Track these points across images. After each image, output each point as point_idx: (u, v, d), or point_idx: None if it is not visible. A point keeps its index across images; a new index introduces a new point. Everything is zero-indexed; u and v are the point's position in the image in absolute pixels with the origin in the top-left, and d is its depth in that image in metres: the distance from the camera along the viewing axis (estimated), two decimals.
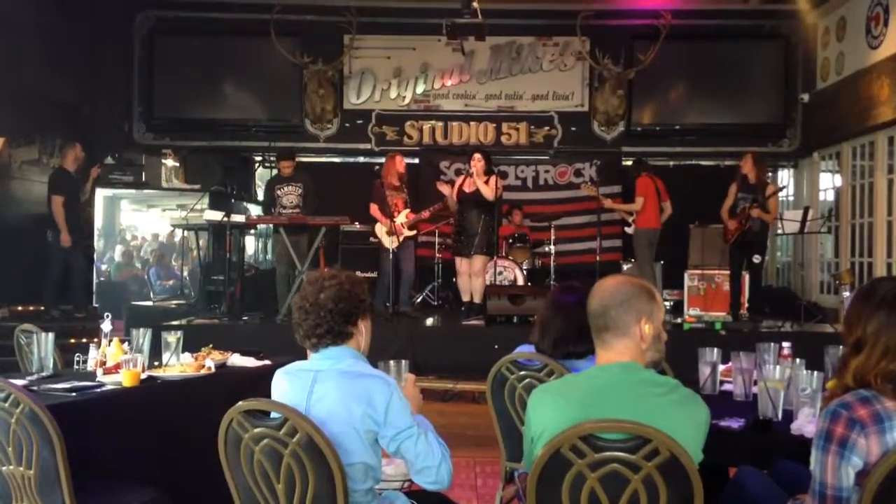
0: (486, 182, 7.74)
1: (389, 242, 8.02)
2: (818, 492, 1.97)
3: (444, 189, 8.01)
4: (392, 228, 7.94)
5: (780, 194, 11.19)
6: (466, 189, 7.84)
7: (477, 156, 7.86)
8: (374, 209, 8.11)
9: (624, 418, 1.92)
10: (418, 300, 9.54)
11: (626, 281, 2.13)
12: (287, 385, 2.38)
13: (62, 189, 8.09)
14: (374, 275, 8.49)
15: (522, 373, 3.17)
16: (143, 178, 10.88)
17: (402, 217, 8.04)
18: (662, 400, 1.98)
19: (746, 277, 8.28)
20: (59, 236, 7.97)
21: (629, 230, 8.55)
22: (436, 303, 9.62)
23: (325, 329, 2.37)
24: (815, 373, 2.73)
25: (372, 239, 8.58)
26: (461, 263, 8.05)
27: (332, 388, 2.30)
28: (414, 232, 8.24)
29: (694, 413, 2.00)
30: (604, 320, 2.08)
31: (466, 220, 7.86)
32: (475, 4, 8.75)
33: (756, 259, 7.80)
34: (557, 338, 3.06)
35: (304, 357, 2.47)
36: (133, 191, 11.13)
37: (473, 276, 7.95)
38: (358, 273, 2.55)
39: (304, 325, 2.39)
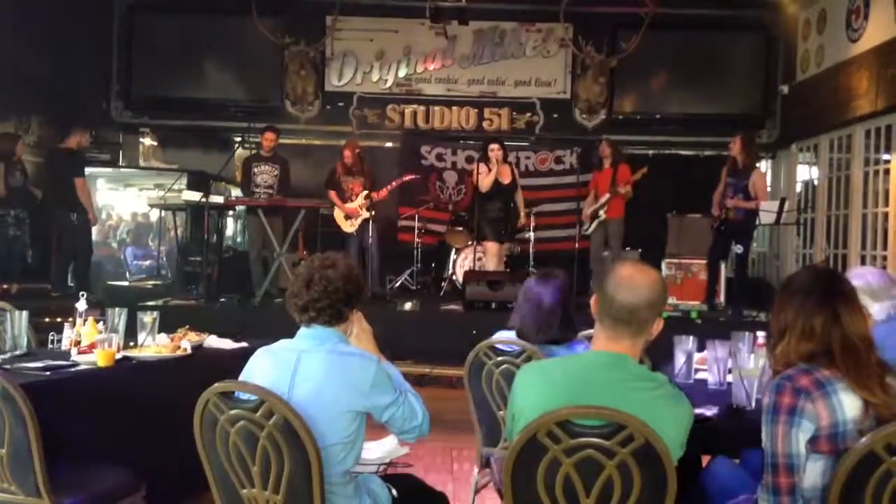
0: (511, 171, 8.00)
1: (348, 227, 8.13)
2: (770, 463, 2.03)
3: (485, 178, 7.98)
4: (347, 212, 8.17)
5: None
6: (504, 180, 7.94)
7: (496, 145, 7.93)
8: (332, 195, 8.25)
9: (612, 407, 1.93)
10: (397, 284, 9.54)
11: (655, 278, 2.09)
12: (270, 364, 2.38)
13: (82, 170, 8.16)
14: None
15: (500, 358, 3.19)
16: (121, 157, 10.75)
17: (358, 201, 8.14)
18: (648, 395, 1.99)
19: (722, 267, 8.33)
20: (86, 217, 8.08)
21: (600, 219, 8.40)
22: (414, 287, 9.62)
23: (325, 304, 2.37)
24: None
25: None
26: (489, 247, 8.17)
27: (316, 369, 2.30)
28: (371, 213, 8.24)
29: (678, 411, 2.02)
30: (629, 317, 2.03)
31: (492, 209, 8.01)
32: None
33: (738, 249, 7.61)
34: (548, 326, 3.09)
35: (282, 339, 2.46)
36: (110, 169, 10.97)
37: (497, 259, 8.17)
38: None
39: (306, 295, 2.38)
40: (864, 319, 2.12)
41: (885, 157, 8.41)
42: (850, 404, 1.99)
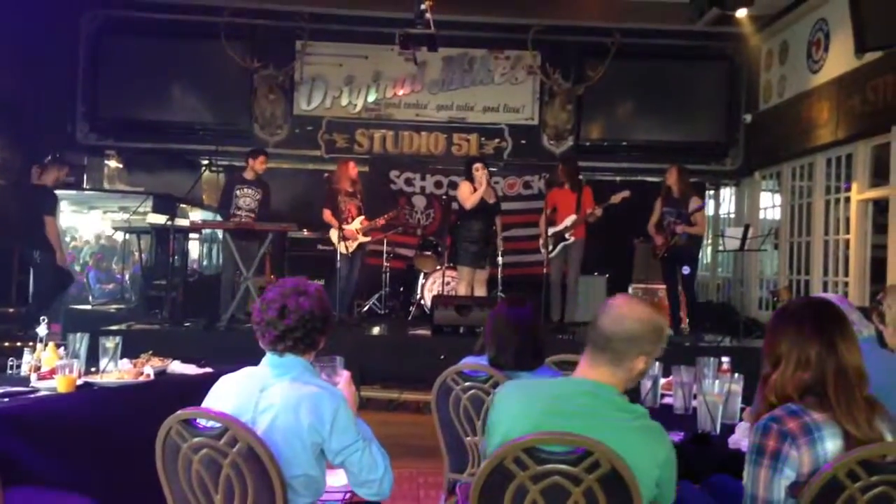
0: (493, 192, 8.23)
1: (343, 248, 8.06)
2: None
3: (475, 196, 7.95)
4: (345, 234, 8.02)
5: (722, 212, 11.52)
6: (489, 199, 8.03)
7: (480, 164, 7.98)
8: (327, 215, 8.13)
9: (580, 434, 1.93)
10: (365, 309, 9.49)
11: (644, 315, 2.07)
12: (233, 393, 2.34)
13: (53, 209, 7.85)
14: (321, 283, 8.45)
15: (468, 384, 3.18)
16: (85, 180, 10.62)
17: (356, 223, 8.07)
18: (624, 425, 1.99)
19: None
20: (53, 256, 7.71)
21: (568, 242, 8.38)
22: (382, 311, 9.58)
23: (301, 334, 2.33)
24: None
25: (320, 247, 8.51)
26: (465, 273, 8.07)
27: (279, 398, 2.26)
28: (368, 239, 8.24)
29: (653, 446, 2.01)
30: (604, 343, 2.04)
31: (474, 229, 8.00)
32: (428, 15, 8.77)
33: (685, 270, 7.84)
34: (519, 352, 3.08)
35: (248, 365, 2.43)
36: (73, 192, 10.82)
37: (480, 285, 8.14)
38: None
39: (280, 325, 2.32)
40: (858, 350, 2.10)
41: (846, 185, 8.58)
42: (834, 451, 1.97)
